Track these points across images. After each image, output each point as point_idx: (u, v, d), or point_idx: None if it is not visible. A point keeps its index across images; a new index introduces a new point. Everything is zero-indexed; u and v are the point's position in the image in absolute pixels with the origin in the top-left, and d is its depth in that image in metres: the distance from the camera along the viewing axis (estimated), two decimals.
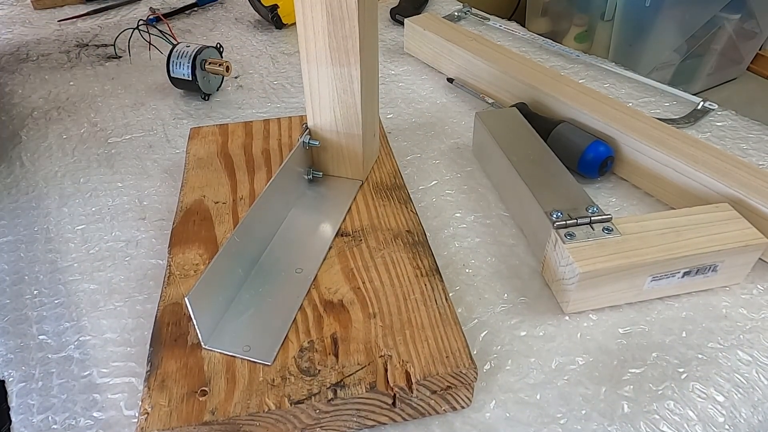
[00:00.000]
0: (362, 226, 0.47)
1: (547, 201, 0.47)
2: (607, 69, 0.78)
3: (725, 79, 1.72)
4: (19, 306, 0.46)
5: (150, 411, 0.33)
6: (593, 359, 0.41)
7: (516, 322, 0.44)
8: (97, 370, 0.41)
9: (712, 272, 0.45)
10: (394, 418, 0.37)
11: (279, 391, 0.34)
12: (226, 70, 0.70)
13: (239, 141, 0.57)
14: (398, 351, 0.37)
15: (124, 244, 0.51)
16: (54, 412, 0.38)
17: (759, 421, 0.38)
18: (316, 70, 0.46)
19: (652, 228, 0.44)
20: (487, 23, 0.92)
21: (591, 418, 0.37)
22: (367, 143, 0.50)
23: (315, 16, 0.43)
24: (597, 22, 1.56)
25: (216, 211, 0.49)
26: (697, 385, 0.39)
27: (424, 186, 0.58)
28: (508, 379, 0.40)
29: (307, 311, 0.40)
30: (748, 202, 0.48)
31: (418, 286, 0.41)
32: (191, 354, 0.37)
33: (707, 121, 0.67)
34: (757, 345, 0.42)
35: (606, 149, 0.56)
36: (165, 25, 0.88)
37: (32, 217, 0.55)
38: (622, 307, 0.45)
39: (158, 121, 0.69)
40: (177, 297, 0.41)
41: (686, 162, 0.52)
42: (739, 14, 1.47)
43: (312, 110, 0.49)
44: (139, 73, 0.79)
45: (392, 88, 0.75)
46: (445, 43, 0.75)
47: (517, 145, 0.54)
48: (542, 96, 0.64)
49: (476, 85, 0.72)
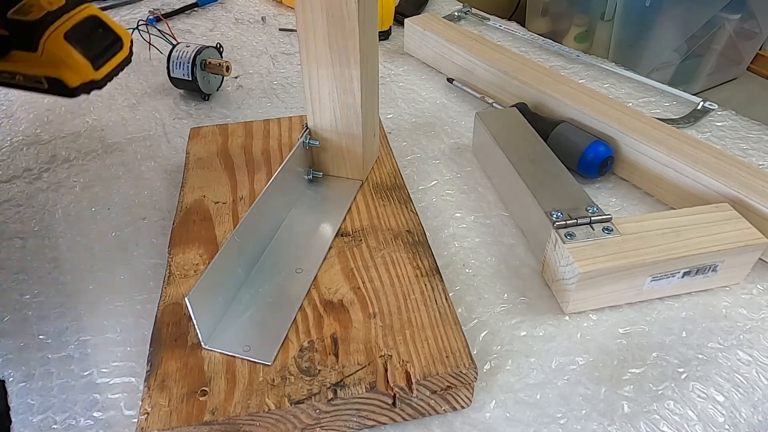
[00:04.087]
0: (362, 226, 0.47)
1: (547, 201, 0.47)
2: (607, 69, 0.78)
3: (725, 79, 1.72)
4: (19, 306, 0.46)
5: (150, 411, 0.33)
6: (593, 359, 0.41)
7: (516, 322, 0.44)
8: (97, 370, 0.41)
9: (712, 272, 0.45)
10: (394, 418, 0.37)
11: (279, 391, 0.34)
12: (226, 70, 0.70)
13: (239, 141, 0.57)
14: (398, 351, 0.37)
15: (124, 244, 0.51)
16: (54, 412, 0.38)
17: (759, 421, 0.38)
18: (316, 70, 0.46)
19: (652, 228, 0.44)
20: (487, 23, 0.92)
21: (591, 418, 0.37)
22: (367, 143, 0.50)
23: (315, 16, 0.43)
24: (597, 22, 1.56)
25: (216, 211, 0.49)
26: (697, 385, 0.39)
27: (424, 186, 0.58)
28: (508, 379, 0.40)
29: (307, 311, 0.40)
30: (748, 202, 0.48)
31: (418, 286, 0.41)
32: (191, 354, 0.37)
33: (707, 121, 0.67)
34: (757, 345, 0.42)
35: (606, 149, 0.56)
36: (165, 25, 0.88)
37: (32, 216, 0.55)
38: (622, 307, 0.45)
39: (158, 121, 0.69)
40: (177, 297, 0.41)
41: (686, 162, 0.52)
42: (739, 14, 1.47)
43: (312, 110, 0.49)
44: (139, 73, 0.79)
45: (392, 88, 0.75)
46: (445, 43, 0.75)
47: (517, 145, 0.54)
48: (542, 96, 0.64)
49: (476, 85, 0.72)
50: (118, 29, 0.46)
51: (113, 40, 0.46)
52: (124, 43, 0.46)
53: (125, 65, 0.47)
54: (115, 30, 0.46)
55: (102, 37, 0.45)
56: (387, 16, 0.87)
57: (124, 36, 0.46)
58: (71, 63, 0.42)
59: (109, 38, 0.45)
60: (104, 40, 0.45)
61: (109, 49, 0.45)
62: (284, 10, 0.99)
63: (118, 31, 0.46)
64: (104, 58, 0.44)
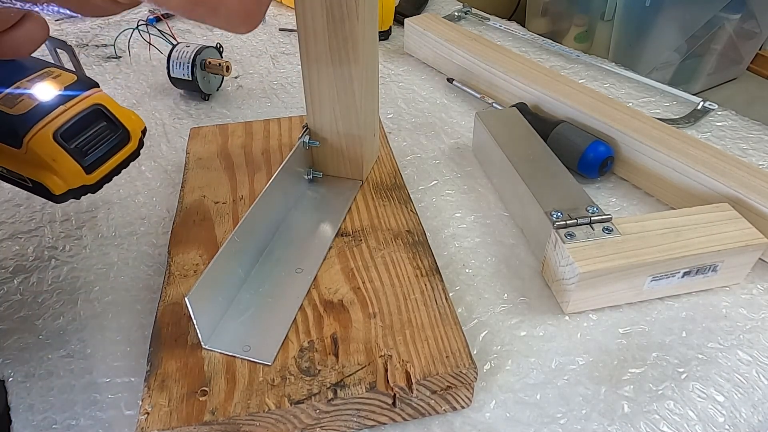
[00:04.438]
0: (362, 226, 0.47)
1: (547, 201, 0.47)
2: (607, 69, 0.78)
3: (725, 79, 1.72)
4: (19, 305, 0.46)
5: (150, 411, 0.33)
6: (593, 359, 0.41)
7: (516, 322, 0.44)
8: (97, 370, 0.41)
9: (712, 272, 0.45)
10: (394, 418, 0.37)
11: (279, 391, 0.34)
12: (226, 70, 0.70)
13: (239, 141, 0.57)
14: (398, 351, 0.37)
15: (125, 244, 0.51)
16: (54, 412, 0.38)
17: (759, 421, 0.38)
18: (316, 70, 0.46)
19: (652, 228, 0.44)
20: (487, 23, 0.92)
21: (591, 418, 0.37)
22: (367, 143, 0.50)
23: (315, 16, 0.43)
24: (597, 22, 1.56)
25: (216, 211, 0.49)
26: (697, 385, 0.39)
27: (424, 186, 0.58)
28: (508, 379, 0.40)
29: (307, 311, 0.40)
30: (748, 202, 0.48)
31: (418, 286, 0.41)
32: (191, 354, 0.37)
33: (707, 121, 0.67)
34: (757, 345, 0.42)
35: (606, 149, 0.56)
36: (165, 24, 0.88)
37: (31, 216, 0.55)
38: (622, 307, 0.45)
39: (158, 121, 0.69)
40: (177, 297, 0.41)
41: (686, 162, 0.52)
42: (739, 14, 1.47)
43: (312, 110, 0.49)
44: (139, 73, 0.79)
45: (392, 88, 0.75)
46: (445, 43, 0.75)
47: (517, 145, 0.54)
48: (542, 96, 0.64)
49: (476, 85, 0.72)
50: (126, 120, 0.39)
51: (119, 135, 0.39)
52: (132, 137, 0.40)
53: (131, 160, 0.40)
54: (122, 122, 0.39)
55: (105, 133, 0.38)
56: (387, 16, 0.87)
57: (133, 126, 0.40)
58: (57, 168, 0.36)
59: (113, 134, 0.39)
60: (107, 137, 0.38)
61: (112, 147, 0.39)
62: (284, 10, 0.99)
63: (126, 122, 0.39)
64: (103, 158, 0.38)
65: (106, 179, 0.39)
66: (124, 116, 0.40)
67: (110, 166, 0.39)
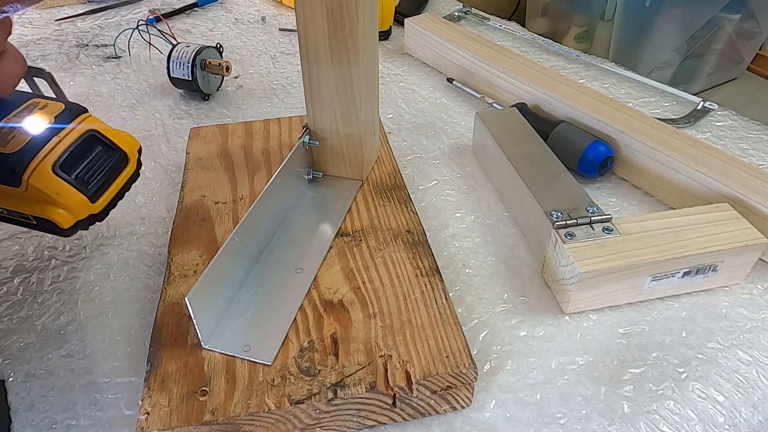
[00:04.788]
0: (362, 226, 0.47)
1: (547, 201, 0.47)
2: (607, 69, 0.78)
3: (725, 79, 1.72)
4: (19, 305, 0.46)
5: (150, 411, 0.33)
6: (593, 359, 0.41)
7: (516, 322, 0.44)
8: (97, 370, 0.41)
9: (712, 272, 0.45)
10: (394, 418, 0.37)
11: (279, 391, 0.34)
12: (226, 70, 0.70)
13: (239, 141, 0.57)
14: (398, 351, 0.37)
15: (125, 244, 0.51)
16: (54, 412, 0.38)
17: (759, 421, 0.38)
18: (316, 70, 0.46)
19: (652, 228, 0.44)
20: (487, 23, 0.92)
21: (591, 418, 0.37)
22: (367, 143, 0.50)
23: (315, 16, 0.43)
24: (597, 22, 1.56)
25: (216, 211, 0.49)
26: (697, 385, 0.39)
27: (424, 186, 0.58)
28: (508, 379, 0.40)
29: (307, 311, 0.40)
30: (748, 202, 0.48)
31: (418, 286, 0.41)
32: (191, 354, 0.37)
33: (707, 121, 0.67)
34: (757, 345, 0.42)
35: (606, 149, 0.56)
36: (165, 25, 0.88)
37: None
38: (622, 307, 0.45)
39: (158, 121, 0.69)
40: (177, 297, 0.41)
41: (686, 162, 0.52)
42: (739, 14, 1.47)
43: (312, 110, 0.49)
44: (139, 73, 0.79)
45: (392, 88, 0.75)
46: (445, 43, 0.75)
47: (517, 145, 0.54)
48: (542, 96, 0.64)
49: (476, 85, 0.72)
50: (121, 142, 0.38)
51: (117, 158, 0.38)
52: (130, 158, 0.39)
53: (132, 182, 0.40)
54: (118, 145, 0.38)
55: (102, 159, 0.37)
56: (387, 16, 0.87)
57: (129, 147, 0.39)
58: (62, 201, 0.35)
59: (111, 158, 0.37)
60: (105, 162, 0.37)
61: (112, 172, 0.38)
62: (284, 10, 0.99)
63: (122, 144, 0.38)
64: (105, 185, 0.37)
65: (111, 205, 0.38)
66: (119, 138, 0.39)
67: (113, 191, 0.38)
